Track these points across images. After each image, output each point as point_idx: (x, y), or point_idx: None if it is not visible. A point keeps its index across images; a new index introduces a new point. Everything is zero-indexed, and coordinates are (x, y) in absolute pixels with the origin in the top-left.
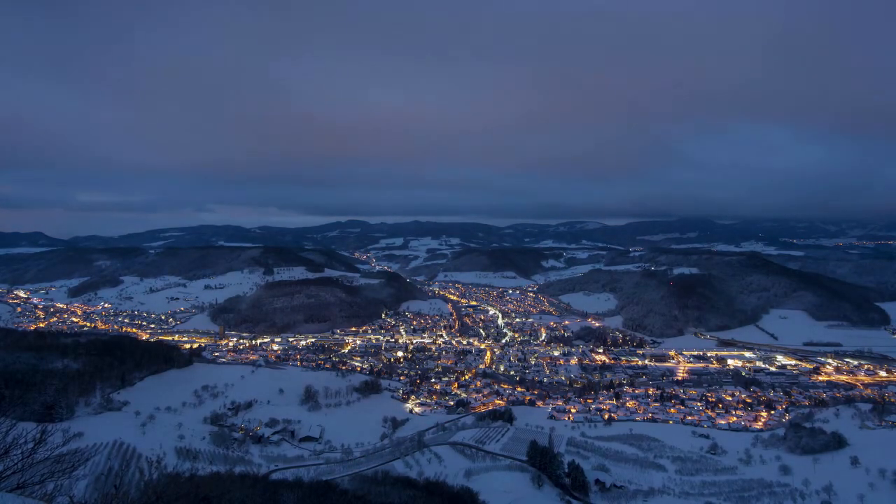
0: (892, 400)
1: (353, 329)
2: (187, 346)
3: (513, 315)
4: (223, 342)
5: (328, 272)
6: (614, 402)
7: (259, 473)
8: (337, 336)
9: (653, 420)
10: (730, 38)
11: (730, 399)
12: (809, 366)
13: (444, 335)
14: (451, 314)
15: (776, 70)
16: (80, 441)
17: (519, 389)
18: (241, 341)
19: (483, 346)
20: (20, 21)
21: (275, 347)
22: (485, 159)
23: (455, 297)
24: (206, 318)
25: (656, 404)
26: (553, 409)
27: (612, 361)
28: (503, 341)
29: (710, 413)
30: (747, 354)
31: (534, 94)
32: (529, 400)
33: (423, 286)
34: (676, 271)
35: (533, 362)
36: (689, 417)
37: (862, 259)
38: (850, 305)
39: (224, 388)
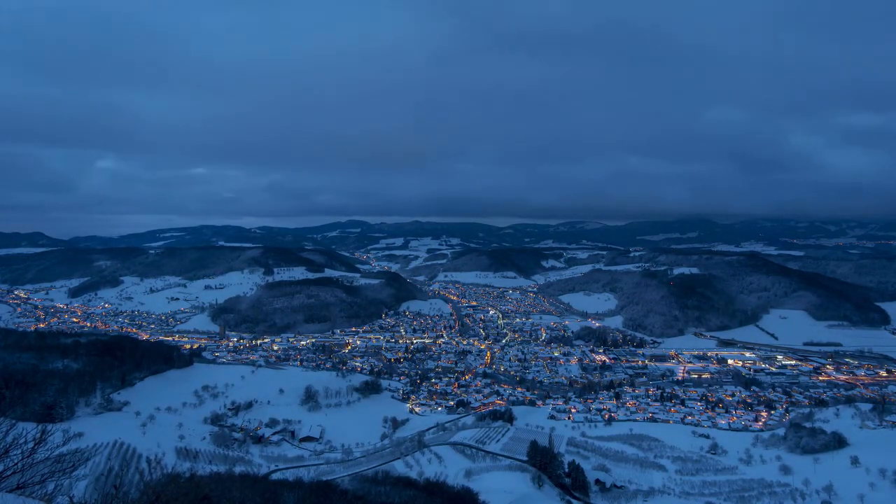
0: (893, 400)
1: (354, 329)
2: (187, 346)
3: (513, 315)
4: (223, 342)
5: (328, 272)
6: (614, 402)
7: (259, 473)
8: (337, 336)
9: (653, 420)
10: None
11: (730, 399)
12: (810, 366)
13: (445, 335)
14: (452, 314)
15: None
16: (80, 441)
17: (519, 389)
18: (242, 341)
19: (483, 347)
20: None
21: (275, 347)
22: None
23: (455, 298)
24: (207, 319)
25: (656, 404)
26: (553, 409)
27: (613, 361)
28: (503, 341)
29: (710, 413)
30: (747, 354)
31: None
32: (530, 400)
33: (423, 286)
34: (676, 271)
35: (533, 362)
36: (690, 417)
37: (862, 259)
38: (850, 305)
39: (224, 389)
